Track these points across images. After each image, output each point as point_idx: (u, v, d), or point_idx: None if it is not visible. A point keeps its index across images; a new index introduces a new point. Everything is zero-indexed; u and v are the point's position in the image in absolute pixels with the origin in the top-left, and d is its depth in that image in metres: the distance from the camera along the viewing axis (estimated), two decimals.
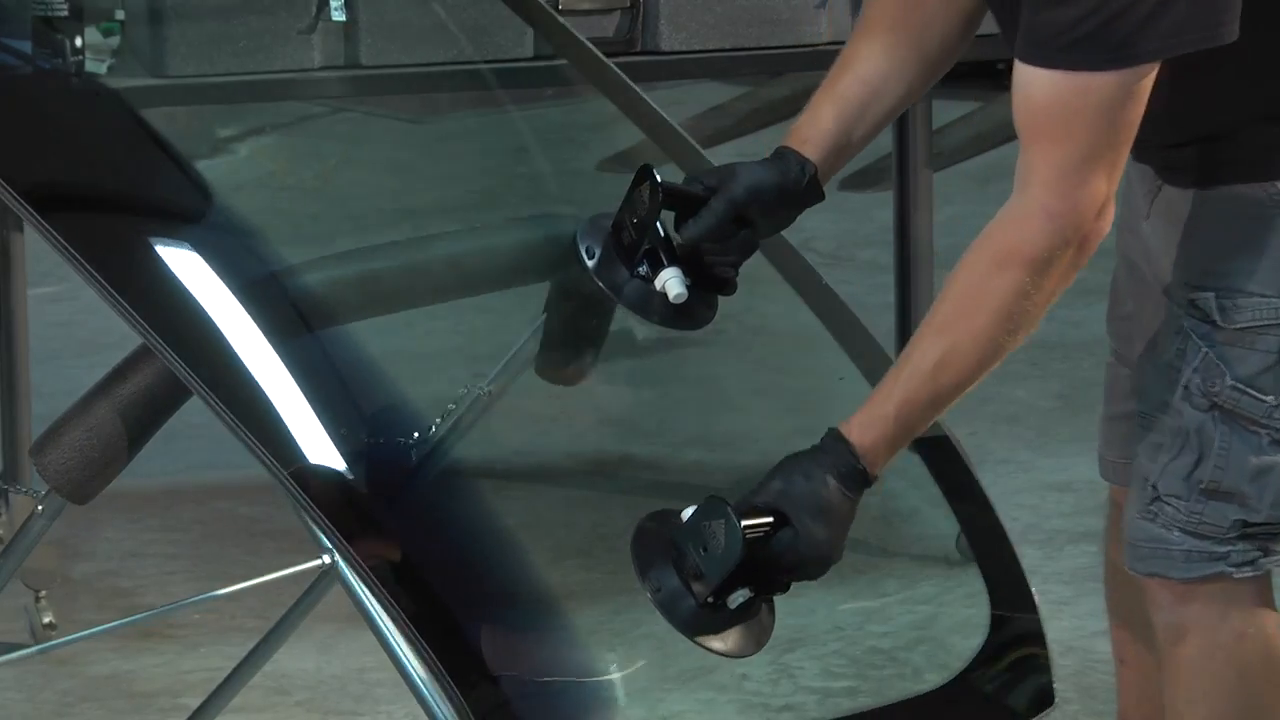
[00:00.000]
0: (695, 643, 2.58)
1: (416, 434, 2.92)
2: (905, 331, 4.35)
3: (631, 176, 2.71)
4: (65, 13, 3.94)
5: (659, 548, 2.58)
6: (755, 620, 2.60)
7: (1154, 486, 2.71)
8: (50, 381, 4.13)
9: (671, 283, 2.70)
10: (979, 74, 7.77)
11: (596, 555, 3.03)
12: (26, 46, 3.97)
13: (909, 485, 4.47)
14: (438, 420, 2.97)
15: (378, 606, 2.97)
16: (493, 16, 3.96)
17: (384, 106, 6.65)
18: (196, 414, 3.07)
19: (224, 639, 3.91)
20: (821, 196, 2.81)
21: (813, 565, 2.59)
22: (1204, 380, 2.68)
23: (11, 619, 4.00)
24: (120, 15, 4.07)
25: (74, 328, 4.90)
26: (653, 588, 2.57)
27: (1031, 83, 2.54)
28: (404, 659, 3.08)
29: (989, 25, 3.28)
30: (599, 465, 4.73)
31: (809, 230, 6.20)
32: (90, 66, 3.96)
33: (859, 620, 4.40)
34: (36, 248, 4.05)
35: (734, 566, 2.51)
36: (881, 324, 4.55)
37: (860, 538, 4.32)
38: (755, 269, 2.77)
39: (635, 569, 2.60)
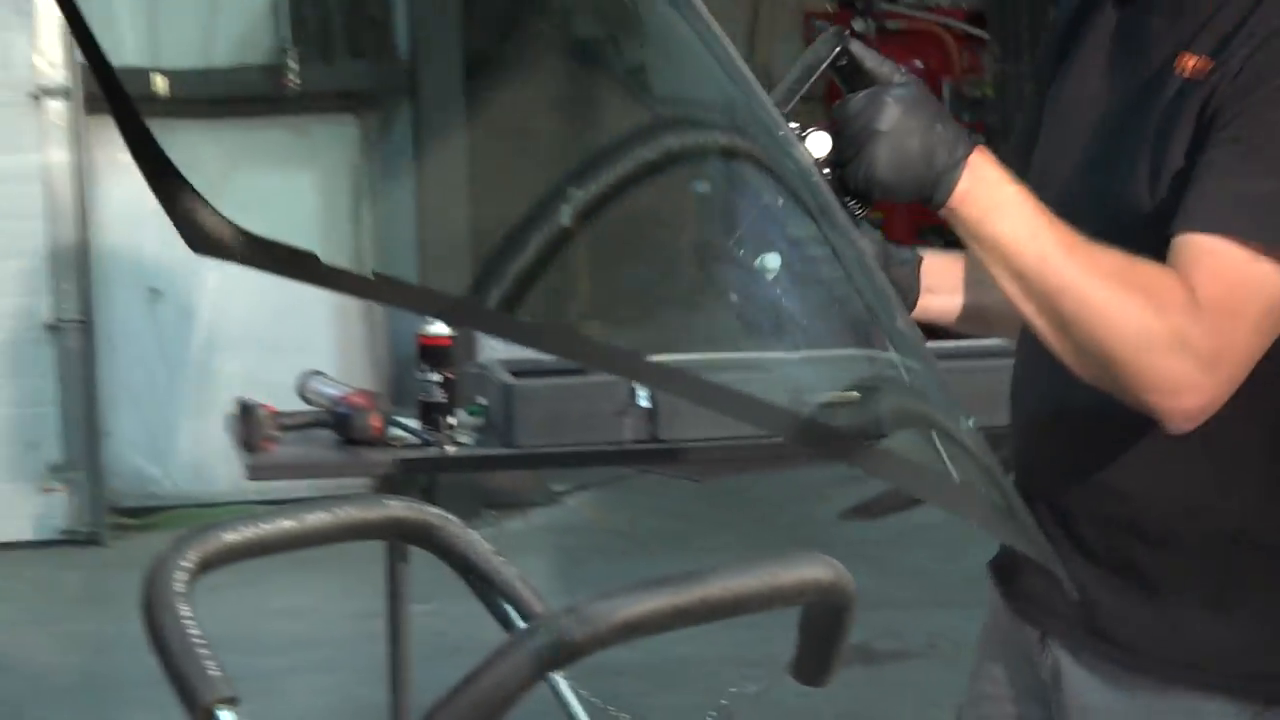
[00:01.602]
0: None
1: None
2: None
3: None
4: (444, 399, 4.02)
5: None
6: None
7: None
8: (427, 678, 4.12)
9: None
10: None
11: None
12: (415, 423, 4.05)
13: None
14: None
15: None
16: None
17: (677, 470, 6.73)
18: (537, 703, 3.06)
19: None
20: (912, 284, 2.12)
21: (861, 138, 1.82)
22: None
23: None
24: (483, 400, 4.14)
25: (444, 637, 4.91)
26: None
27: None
28: None
29: None
30: None
31: None
32: (460, 438, 4.02)
33: None
34: (418, 573, 4.08)
35: (817, 68, 1.88)
36: None
37: None
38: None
39: None
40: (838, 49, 1.88)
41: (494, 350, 6.90)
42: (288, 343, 6.17)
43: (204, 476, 6.68)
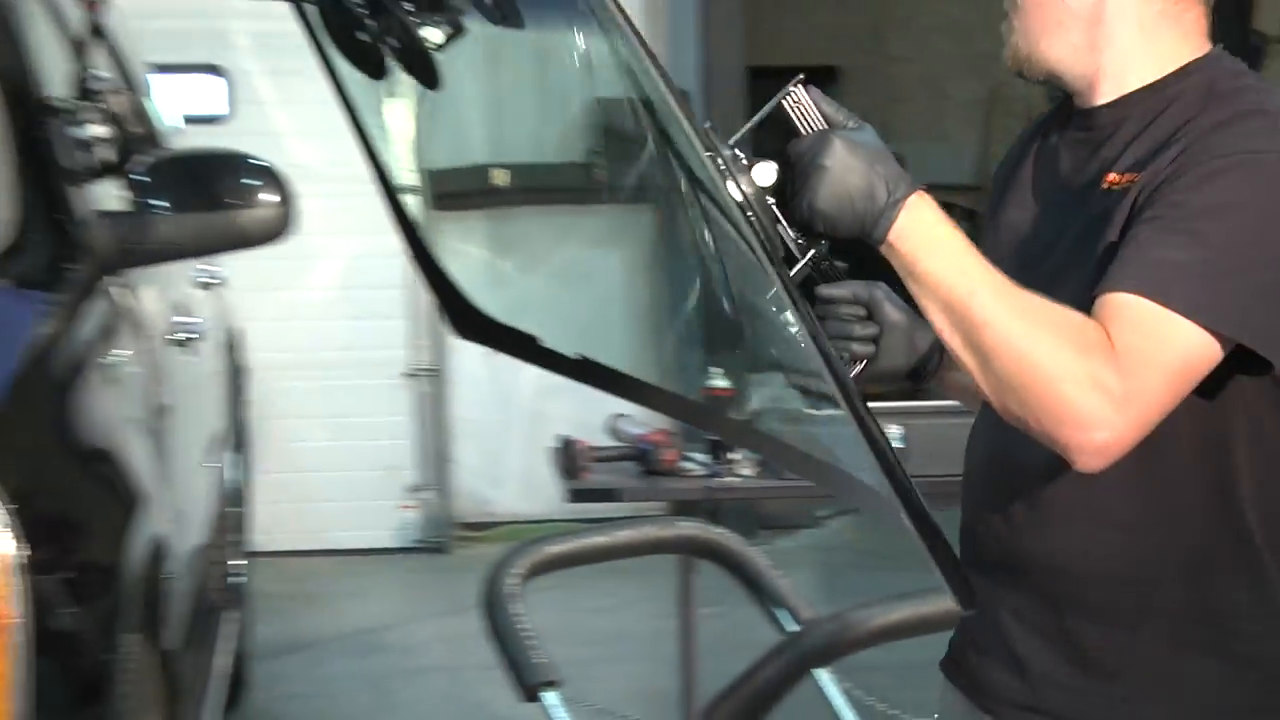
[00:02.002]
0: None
1: None
2: None
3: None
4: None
5: None
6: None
7: None
8: (712, 670, 4.11)
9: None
10: None
11: None
12: (704, 457, 4.02)
13: None
14: None
15: None
16: None
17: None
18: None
19: None
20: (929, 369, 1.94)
21: (806, 172, 1.68)
22: None
23: None
24: None
25: (727, 636, 4.90)
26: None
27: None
28: None
29: None
30: None
31: None
32: (740, 470, 4.01)
33: None
34: (705, 581, 4.07)
35: (767, 112, 1.74)
36: None
37: None
38: None
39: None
40: (791, 91, 1.73)
41: None
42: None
43: (531, 498, 6.75)
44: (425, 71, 1.89)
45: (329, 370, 6.79)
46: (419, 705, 5.10)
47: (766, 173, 1.71)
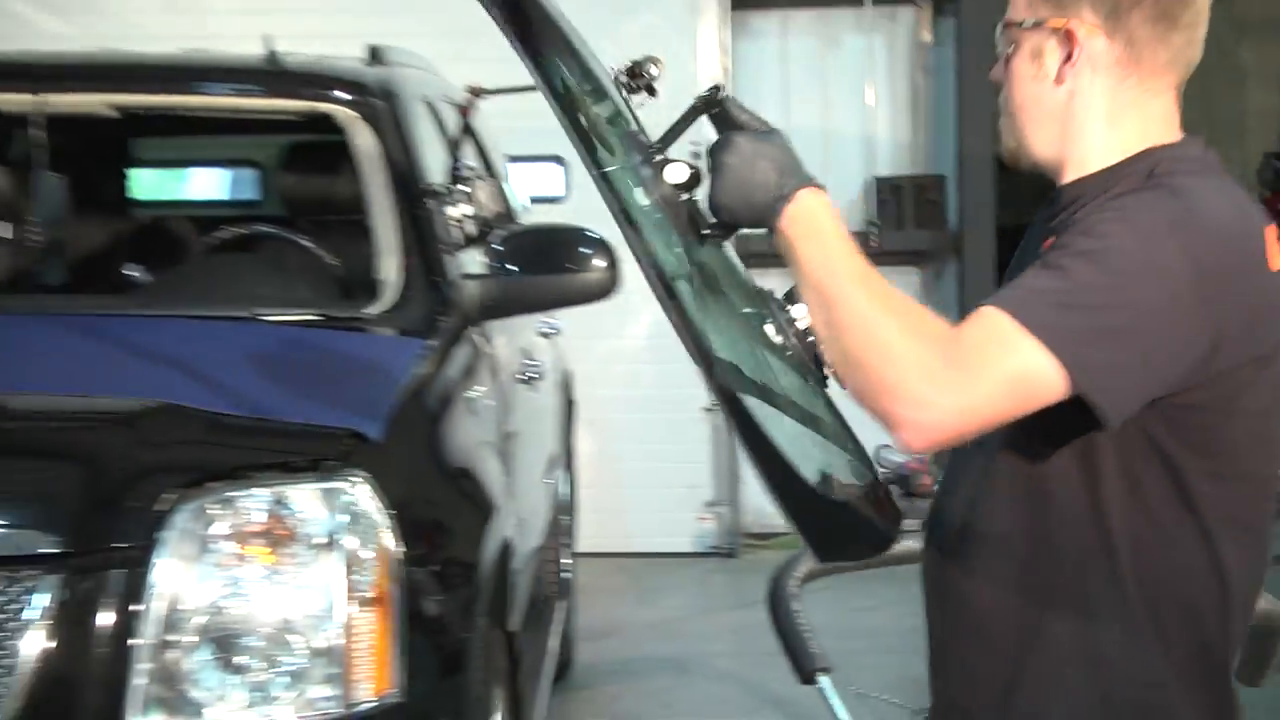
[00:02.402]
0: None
1: None
2: None
3: None
4: None
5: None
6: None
7: None
8: None
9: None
10: None
11: None
12: None
13: None
14: None
15: None
16: None
17: None
18: None
19: None
20: None
21: (713, 169, 1.61)
22: None
23: None
24: None
25: None
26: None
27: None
28: None
29: None
30: None
31: None
32: None
33: None
34: None
35: (688, 120, 1.65)
36: None
37: None
38: None
39: None
40: (707, 98, 1.65)
41: None
42: (862, 424, 6.15)
43: None
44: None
45: (643, 405, 6.90)
46: (710, 685, 5.13)
47: (678, 172, 1.63)
